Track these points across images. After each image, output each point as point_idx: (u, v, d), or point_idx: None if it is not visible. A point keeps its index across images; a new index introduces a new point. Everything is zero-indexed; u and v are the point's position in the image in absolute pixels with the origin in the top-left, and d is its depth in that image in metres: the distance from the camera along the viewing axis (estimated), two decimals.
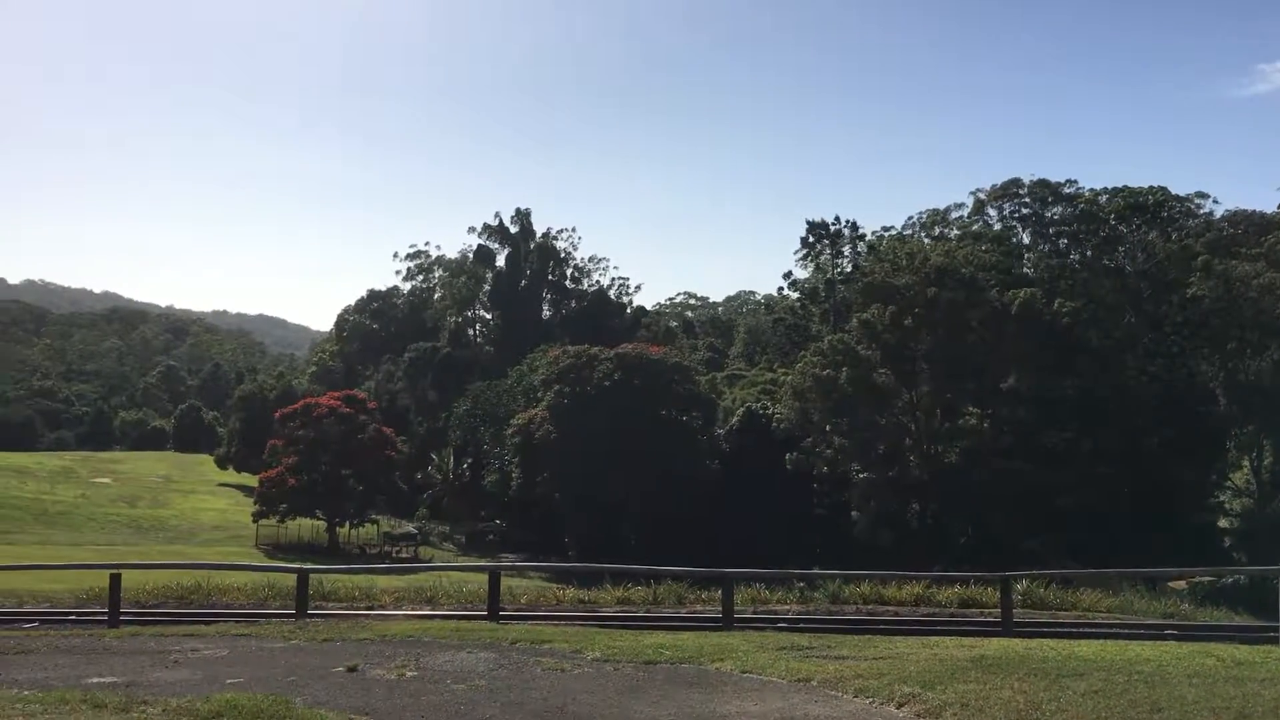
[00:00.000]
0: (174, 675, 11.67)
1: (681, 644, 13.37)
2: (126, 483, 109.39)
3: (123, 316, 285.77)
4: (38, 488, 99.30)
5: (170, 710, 9.07)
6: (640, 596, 24.03)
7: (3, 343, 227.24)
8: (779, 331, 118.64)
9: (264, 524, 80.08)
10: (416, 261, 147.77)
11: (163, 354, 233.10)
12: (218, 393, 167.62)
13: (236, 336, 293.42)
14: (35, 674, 11.91)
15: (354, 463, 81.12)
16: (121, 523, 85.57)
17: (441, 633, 14.80)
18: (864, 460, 71.29)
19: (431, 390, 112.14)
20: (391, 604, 23.04)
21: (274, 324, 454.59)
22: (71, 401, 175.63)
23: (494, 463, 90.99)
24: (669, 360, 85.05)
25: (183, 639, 15.00)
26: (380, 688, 10.65)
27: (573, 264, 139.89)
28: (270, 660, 12.77)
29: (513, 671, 11.54)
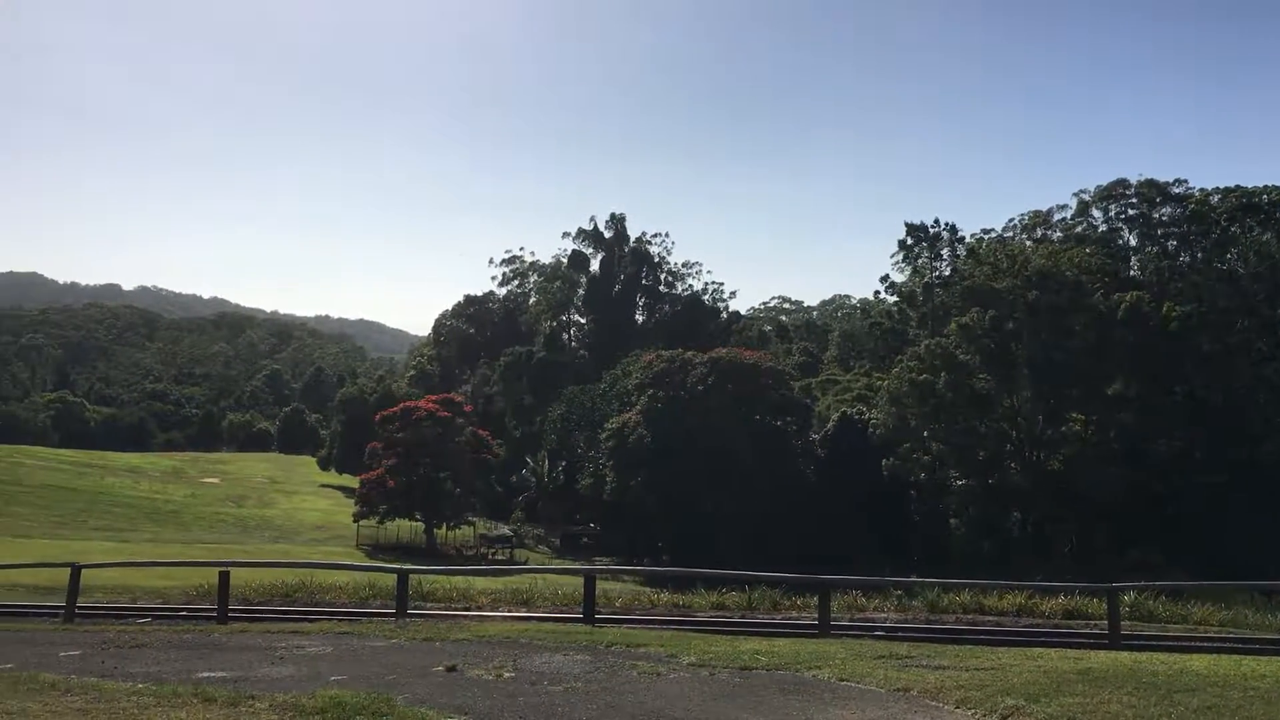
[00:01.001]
0: (280, 671, 11.94)
1: (777, 650, 13.24)
2: (233, 483, 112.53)
3: (230, 322, 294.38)
4: (150, 487, 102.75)
5: (277, 705, 9.26)
6: (735, 602, 23.92)
7: (118, 347, 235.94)
8: (875, 336, 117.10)
9: (364, 525, 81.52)
10: (512, 267, 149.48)
11: (268, 358, 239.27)
12: (320, 396, 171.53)
13: (338, 341, 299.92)
14: (149, 668, 12.29)
15: (451, 465, 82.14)
16: (229, 522, 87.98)
17: (538, 634, 14.89)
18: (963, 467, 69.97)
19: (526, 394, 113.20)
20: (488, 605, 23.30)
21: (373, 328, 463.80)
22: (182, 404, 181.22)
23: (588, 466, 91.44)
24: (763, 365, 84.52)
25: (288, 636, 15.33)
26: (478, 688, 10.75)
27: (666, 269, 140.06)
28: (372, 658, 12.99)
29: (608, 675, 11.55)
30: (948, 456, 69.87)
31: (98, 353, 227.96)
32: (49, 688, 10.44)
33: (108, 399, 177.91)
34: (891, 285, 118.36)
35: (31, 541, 62.47)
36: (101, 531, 73.33)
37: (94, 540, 65.70)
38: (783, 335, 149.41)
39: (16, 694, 10.02)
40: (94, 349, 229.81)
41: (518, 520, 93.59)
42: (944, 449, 69.82)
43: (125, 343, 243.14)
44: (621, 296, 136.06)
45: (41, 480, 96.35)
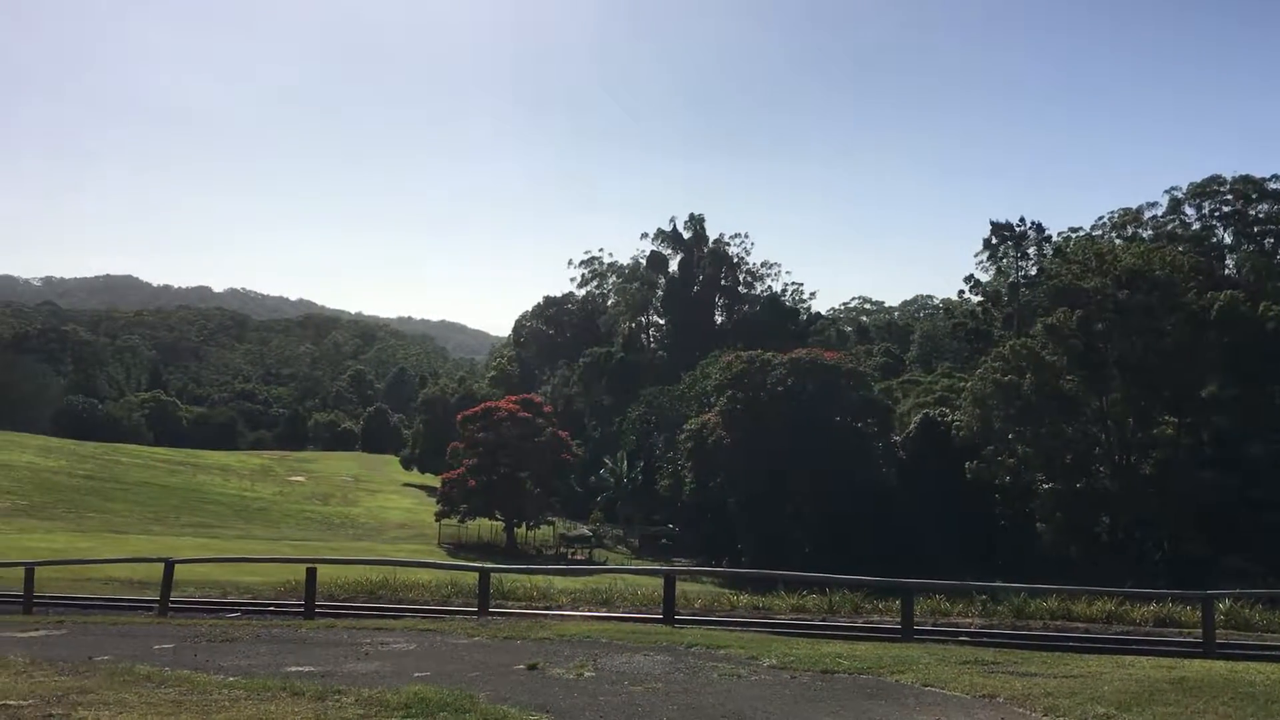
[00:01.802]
0: (365, 667, 12.12)
1: (860, 654, 13.10)
2: (319, 481, 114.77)
3: (316, 323, 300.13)
4: (239, 485, 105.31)
5: (362, 700, 9.39)
6: (815, 604, 23.71)
7: (209, 348, 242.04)
8: (958, 336, 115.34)
9: (446, 523, 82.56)
10: (591, 268, 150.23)
11: (352, 359, 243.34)
12: (402, 396, 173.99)
13: (420, 342, 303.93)
14: (239, 661, 12.57)
15: (531, 465, 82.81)
16: (314, 519, 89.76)
17: (618, 634, 14.92)
18: (1050, 470, 68.45)
19: (605, 394, 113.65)
20: (568, 604, 23.39)
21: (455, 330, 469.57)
22: (270, 403, 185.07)
23: (667, 467, 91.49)
24: (843, 366, 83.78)
25: (373, 632, 15.57)
26: (559, 687, 10.79)
27: (745, 269, 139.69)
28: (454, 656, 13.12)
29: (688, 675, 11.52)
30: (1033, 459, 68.41)
31: (189, 353, 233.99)
32: (144, 679, 10.73)
33: (199, 398, 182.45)
34: (976, 285, 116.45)
35: (127, 537, 64.41)
36: (193, 528, 75.34)
37: (186, 536, 67.51)
38: (863, 336, 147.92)
39: (114, 685, 10.31)
40: (186, 350, 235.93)
41: (596, 520, 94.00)
42: (1029, 452, 68.39)
43: (216, 343, 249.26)
44: (700, 297, 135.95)
45: (137, 477, 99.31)
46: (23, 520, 69.99)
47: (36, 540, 56.84)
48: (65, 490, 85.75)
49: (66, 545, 54.52)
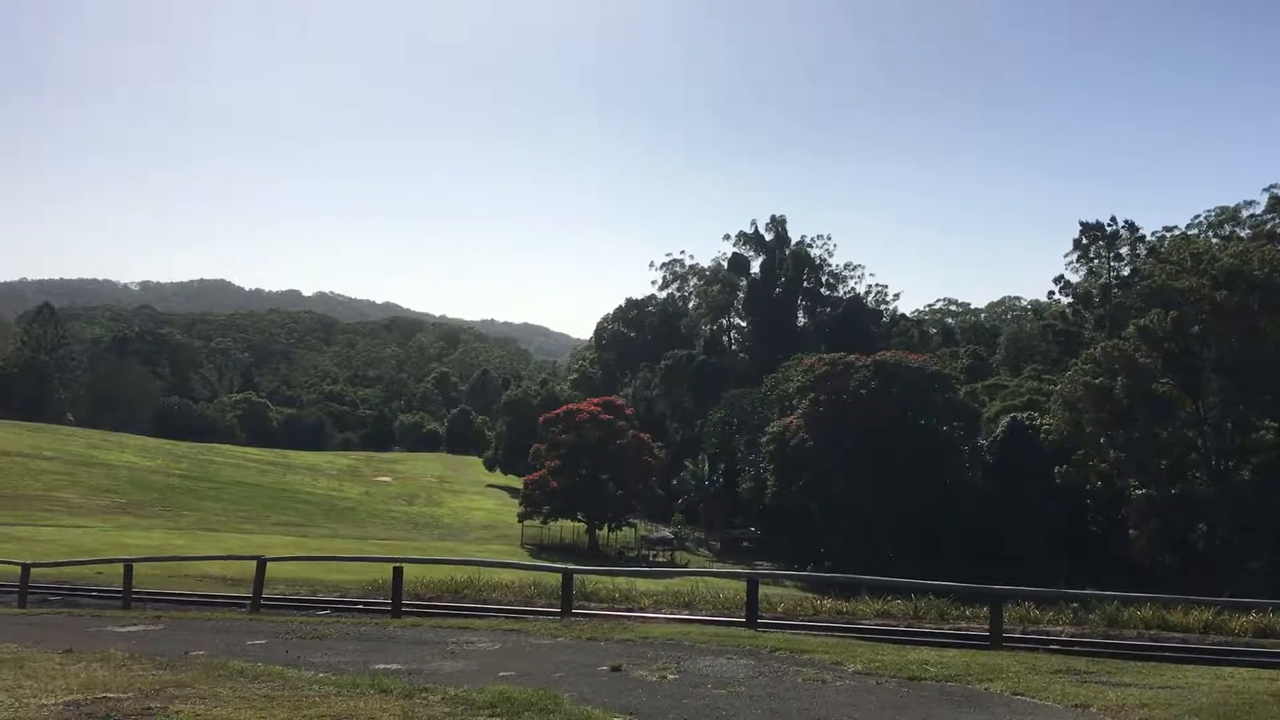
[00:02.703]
0: (451, 665, 12.25)
1: (947, 661, 12.88)
2: (405, 482, 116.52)
3: (401, 326, 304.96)
4: (328, 485, 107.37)
5: (449, 699, 9.48)
6: (900, 610, 23.43)
7: (298, 350, 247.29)
8: (1047, 338, 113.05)
9: (528, 524, 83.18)
10: (672, 270, 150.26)
11: (436, 361, 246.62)
12: (486, 398, 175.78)
13: (503, 344, 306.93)
14: (329, 658, 12.80)
15: (612, 467, 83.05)
16: (400, 519, 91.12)
17: (701, 637, 14.86)
18: (1143, 475, 66.65)
19: (687, 397, 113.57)
20: (651, 607, 23.42)
21: (537, 332, 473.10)
22: (357, 405, 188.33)
23: (749, 469, 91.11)
24: (928, 368, 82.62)
25: (458, 631, 15.73)
26: (642, 689, 10.78)
27: (828, 271, 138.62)
28: (538, 656, 13.20)
29: (772, 680, 11.44)
30: (1126, 464, 66.69)
31: (279, 355, 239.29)
32: (238, 674, 10.97)
33: (288, 400, 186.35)
34: (1066, 285, 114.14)
35: (220, 534, 66.05)
36: (283, 526, 76.98)
37: (276, 534, 69.00)
38: (948, 338, 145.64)
39: (209, 679, 10.57)
40: (276, 352, 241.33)
41: (678, 523, 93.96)
42: (1122, 456, 66.68)
43: (305, 346, 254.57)
44: (782, 299, 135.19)
45: (230, 477, 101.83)
46: (122, 517, 72.21)
47: (135, 537, 58.60)
48: (162, 489, 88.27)
49: (163, 542, 56.11)
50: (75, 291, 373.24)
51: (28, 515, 67.27)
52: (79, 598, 29.43)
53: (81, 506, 75.23)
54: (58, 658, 12.48)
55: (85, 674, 10.96)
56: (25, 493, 77.53)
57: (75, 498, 78.53)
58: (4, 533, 55.28)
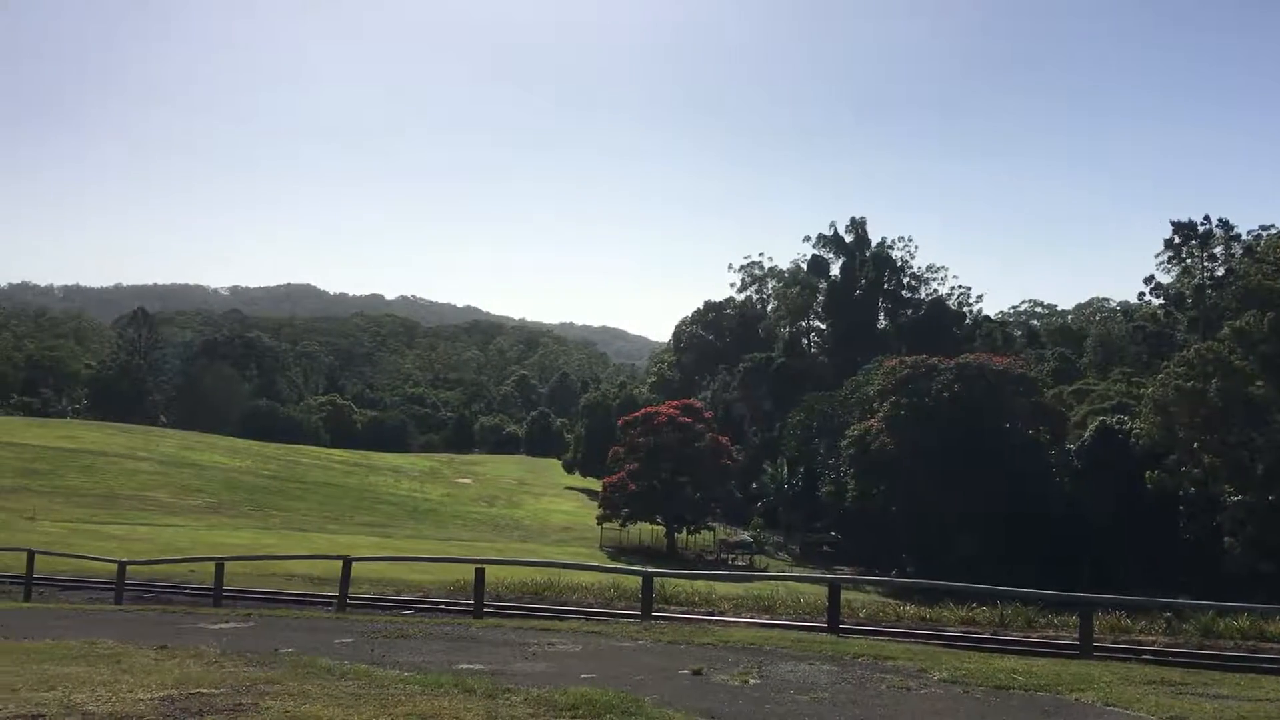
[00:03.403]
0: (532, 667, 12.32)
1: (1035, 670, 12.60)
2: (485, 484, 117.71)
3: (482, 329, 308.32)
4: (410, 486, 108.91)
5: (531, 700, 9.53)
6: (985, 617, 23.05)
7: (381, 353, 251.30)
8: (1137, 340, 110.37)
9: (607, 527, 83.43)
10: (750, 273, 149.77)
11: (516, 364, 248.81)
12: (565, 400, 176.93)
13: (582, 347, 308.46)
14: (413, 657, 12.96)
15: (691, 470, 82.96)
16: (481, 520, 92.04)
17: (782, 642, 14.76)
18: (1239, 481, 64.58)
19: (766, 400, 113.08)
20: (731, 611, 23.34)
21: (615, 335, 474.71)
22: (438, 407, 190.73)
23: (829, 473, 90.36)
24: (1013, 371, 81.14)
25: (539, 633, 15.81)
26: (724, 693, 10.73)
27: (909, 272, 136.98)
28: (619, 658, 13.21)
29: (856, 686, 11.30)
30: (1220, 470, 64.70)
31: (363, 358, 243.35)
32: (325, 672, 11.17)
33: (372, 402, 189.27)
34: (1157, 287, 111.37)
35: (307, 534, 67.38)
36: (367, 526, 78.26)
37: (360, 535, 70.16)
38: (1034, 340, 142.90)
39: (297, 676, 10.77)
40: (360, 355, 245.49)
41: (757, 526, 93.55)
42: (1216, 462, 64.73)
43: (387, 349, 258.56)
44: (862, 302, 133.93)
45: (316, 478, 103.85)
46: (212, 517, 74.06)
47: (225, 536, 60.06)
48: (251, 489, 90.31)
49: (252, 541, 57.38)
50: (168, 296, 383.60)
51: (123, 514, 69.35)
52: (172, 595, 30.25)
53: (174, 506, 77.33)
54: (153, 653, 12.82)
55: (179, 670, 11.24)
56: (121, 492, 79.94)
57: (168, 497, 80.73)
58: (101, 531, 57.08)
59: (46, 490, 76.23)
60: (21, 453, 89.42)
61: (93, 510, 69.66)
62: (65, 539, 49.68)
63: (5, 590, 31.53)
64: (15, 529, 54.53)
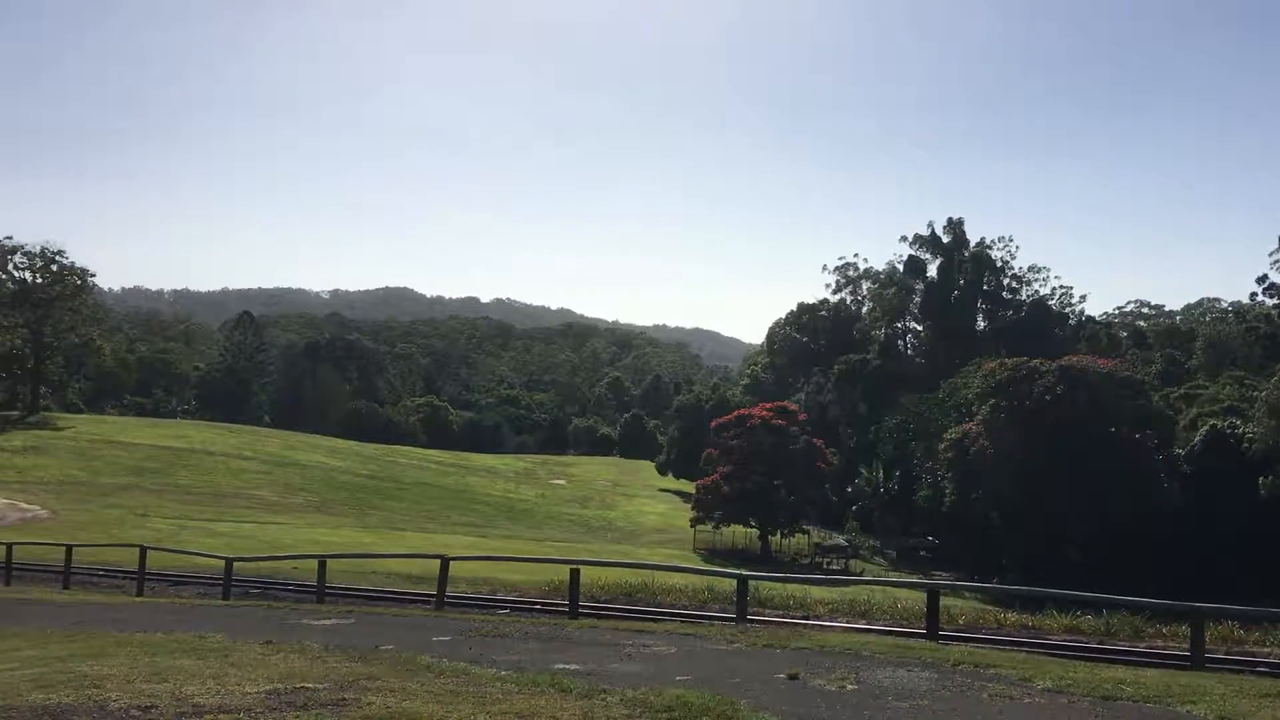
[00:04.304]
0: (627, 668, 12.34)
1: (1144, 681, 12.22)
2: (579, 485, 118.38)
3: (575, 331, 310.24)
4: (505, 486, 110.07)
5: (626, 701, 9.55)
6: (1090, 626, 22.46)
7: (477, 355, 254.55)
8: (1249, 341, 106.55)
9: (700, 529, 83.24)
10: (844, 274, 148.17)
11: (610, 366, 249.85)
12: (658, 402, 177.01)
13: (675, 349, 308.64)
14: (510, 656, 13.08)
15: (785, 473, 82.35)
16: (574, 521, 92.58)
17: (880, 647, 14.56)
18: None
19: (861, 402, 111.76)
20: (826, 615, 23.10)
21: (708, 337, 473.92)
22: (532, 409, 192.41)
23: (925, 477, 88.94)
24: (1118, 374, 78.91)
25: (634, 634, 15.84)
26: (821, 698, 10.62)
27: (1010, 273, 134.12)
28: (714, 661, 13.17)
29: (956, 694, 11.09)
30: None
31: (459, 361, 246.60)
32: (424, 669, 11.34)
33: (468, 404, 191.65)
34: (1270, 286, 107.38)
35: (405, 533, 68.51)
36: (463, 526, 79.27)
37: (457, 534, 71.10)
38: (1140, 341, 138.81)
39: (398, 673, 10.95)
40: (456, 357, 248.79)
41: (852, 530, 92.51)
42: None
43: (483, 351, 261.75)
44: (961, 303, 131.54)
45: (413, 478, 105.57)
46: (314, 515, 75.77)
47: (326, 534, 61.39)
48: (350, 488, 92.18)
49: (352, 540, 58.56)
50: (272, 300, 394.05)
51: (229, 512, 71.34)
52: (277, 591, 31.04)
53: (277, 504, 79.30)
54: (259, 648, 13.16)
55: (284, 664, 11.52)
56: (227, 490, 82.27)
57: (271, 495, 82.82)
58: (208, 528, 58.80)
59: (157, 488, 78.83)
60: (134, 452, 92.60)
61: (200, 508, 71.81)
62: (175, 535, 51.35)
63: (119, 585, 32.73)
64: (128, 525, 56.54)
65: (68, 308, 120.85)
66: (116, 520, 60.08)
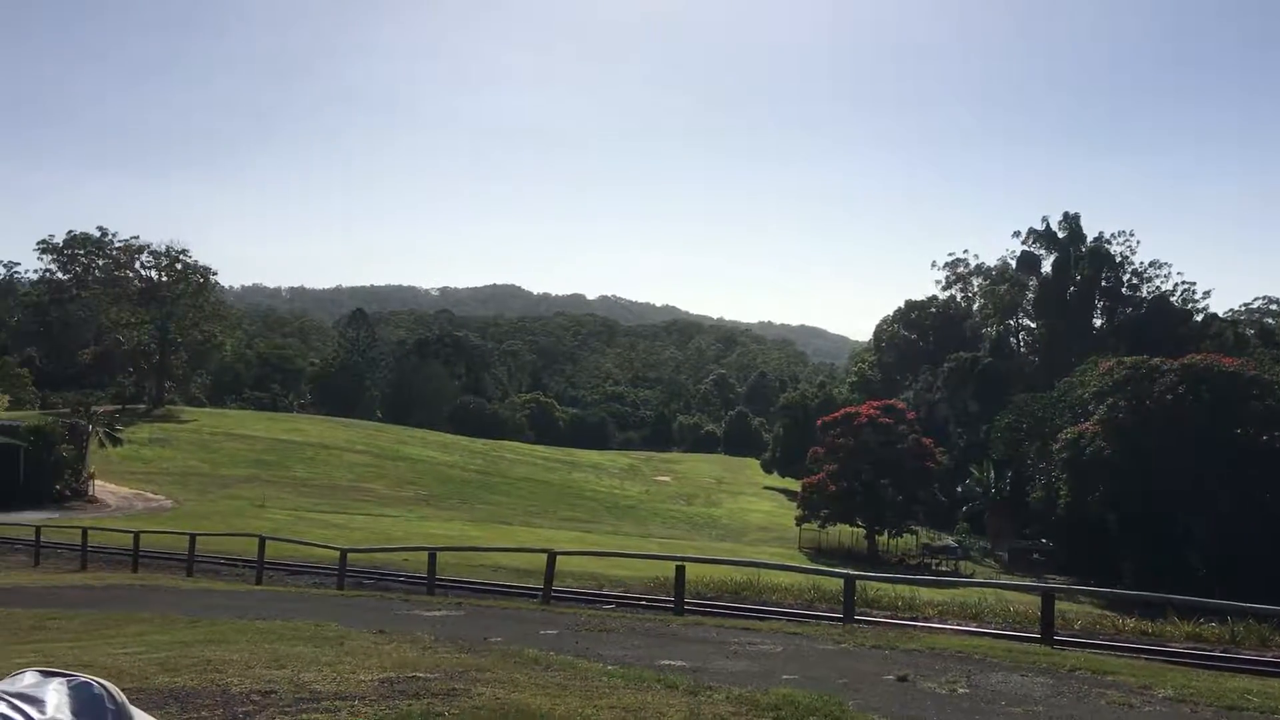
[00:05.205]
0: (734, 665, 12.30)
1: (1272, 691, 11.72)
2: (683, 482, 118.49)
3: (680, 328, 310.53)
4: (610, 483, 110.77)
5: (733, 698, 9.51)
6: (1214, 634, 21.68)
7: (582, 352, 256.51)
8: None
9: (806, 528, 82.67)
10: (954, 270, 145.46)
11: (714, 363, 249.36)
12: (763, 400, 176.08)
13: (780, 346, 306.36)
14: (616, 651, 13.15)
15: (892, 472, 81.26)
16: (679, 518, 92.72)
17: (992, 651, 14.24)
18: None
19: (971, 401, 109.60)
20: (935, 617, 22.72)
21: (814, 334, 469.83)
22: (637, 406, 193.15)
23: (1039, 478, 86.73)
24: (1245, 373, 75.84)
25: (739, 632, 15.79)
26: (931, 701, 10.43)
27: (1130, 269, 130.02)
28: (821, 661, 13.03)
29: (1073, 701, 10.78)
30: None
31: (565, 357, 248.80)
32: (532, 662, 11.47)
33: (573, 400, 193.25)
34: None
35: (512, 528, 69.50)
36: (568, 522, 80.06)
37: (562, 530, 71.84)
38: (1268, 340, 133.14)
39: (506, 665, 11.10)
40: (562, 354, 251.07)
41: (962, 531, 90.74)
42: None
43: (588, 348, 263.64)
44: (1077, 299, 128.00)
45: (520, 473, 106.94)
46: (423, 509, 77.33)
47: (435, 527, 62.60)
48: (459, 483, 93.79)
49: (460, 533, 59.62)
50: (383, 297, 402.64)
51: (343, 504, 73.27)
52: (388, 582, 31.77)
53: (388, 497, 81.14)
54: (372, 637, 13.48)
55: (397, 654, 11.77)
56: (340, 483, 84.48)
57: (383, 489, 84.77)
58: (323, 520, 60.47)
59: (275, 480, 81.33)
60: (253, 444, 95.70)
61: (315, 499, 73.89)
62: (291, 526, 52.92)
63: (239, 573, 33.85)
64: (248, 516, 58.49)
65: (191, 305, 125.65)
66: (236, 510, 62.21)
